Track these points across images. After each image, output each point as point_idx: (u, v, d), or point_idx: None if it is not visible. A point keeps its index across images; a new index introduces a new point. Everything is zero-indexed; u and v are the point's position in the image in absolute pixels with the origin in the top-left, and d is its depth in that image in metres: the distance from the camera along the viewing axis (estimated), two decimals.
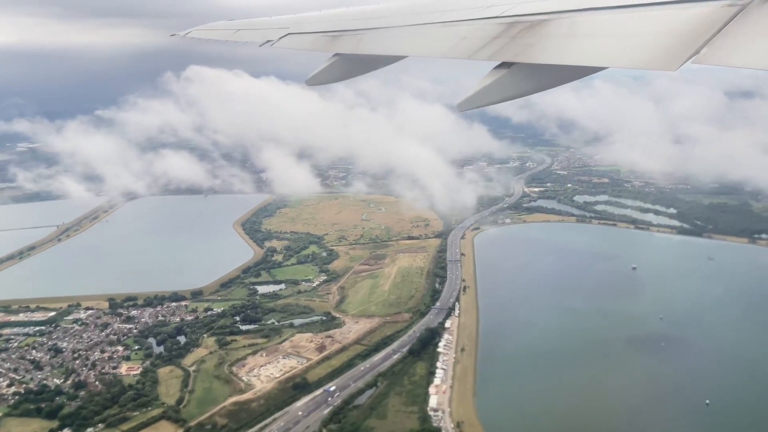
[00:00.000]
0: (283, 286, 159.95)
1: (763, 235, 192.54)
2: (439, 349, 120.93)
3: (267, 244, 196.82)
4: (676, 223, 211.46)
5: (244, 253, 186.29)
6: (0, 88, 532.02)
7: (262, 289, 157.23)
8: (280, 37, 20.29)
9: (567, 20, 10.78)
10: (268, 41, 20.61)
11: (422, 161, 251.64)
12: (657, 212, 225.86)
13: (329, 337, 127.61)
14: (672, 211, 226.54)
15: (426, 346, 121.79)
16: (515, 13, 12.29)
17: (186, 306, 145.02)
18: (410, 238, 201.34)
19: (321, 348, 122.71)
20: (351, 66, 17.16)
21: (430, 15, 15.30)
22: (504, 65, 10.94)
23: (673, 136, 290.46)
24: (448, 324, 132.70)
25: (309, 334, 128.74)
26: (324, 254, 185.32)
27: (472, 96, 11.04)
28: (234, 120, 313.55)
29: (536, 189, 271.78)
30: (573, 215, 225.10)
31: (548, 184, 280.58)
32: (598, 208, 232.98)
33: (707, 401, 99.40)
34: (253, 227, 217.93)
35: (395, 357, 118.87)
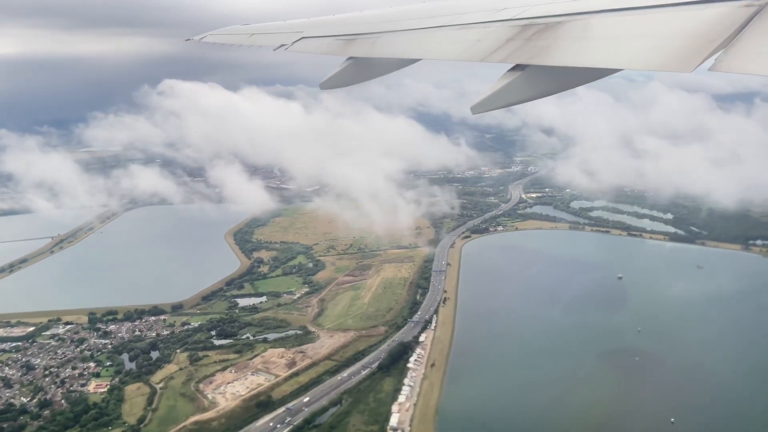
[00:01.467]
0: (264, 298, 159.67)
1: (758, 242, 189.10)
2: (409, 365, 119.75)
3: (255, 254, 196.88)
4: (671, 229, 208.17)
5: (231, 264, 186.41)
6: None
7: (242, 302, 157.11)
8: (295, 41, 20.59)
9: (581, 22, 10.81)
10: (283, 45, 20.91)
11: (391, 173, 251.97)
12: (653, 218, 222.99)
13: (301, 352, 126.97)
14: (669, 216, 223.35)
15: (396, 362, 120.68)
16: (529, 15, 12.35)
17: (164, 320, 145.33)
18: (399, 247, 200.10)
19: (291, 364, 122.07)
20: (365, 69, 17.20)
21: (444, 18, 15.47)
22: (518, 68, 10.97)
23: (639, 146, 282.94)
24: (422, 338, 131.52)
25: (281, 350, 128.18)
26: (310, 265, 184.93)
27: (486, 99, 11.01)
28: (203, 134, 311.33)
29: (534, 194, 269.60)
30: (567, 222, 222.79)
31: (547, 189, 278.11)
32: (594, 214, 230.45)
33: (672, 419, 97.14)
34: (244, 237, 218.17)
35: (364, 373, 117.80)
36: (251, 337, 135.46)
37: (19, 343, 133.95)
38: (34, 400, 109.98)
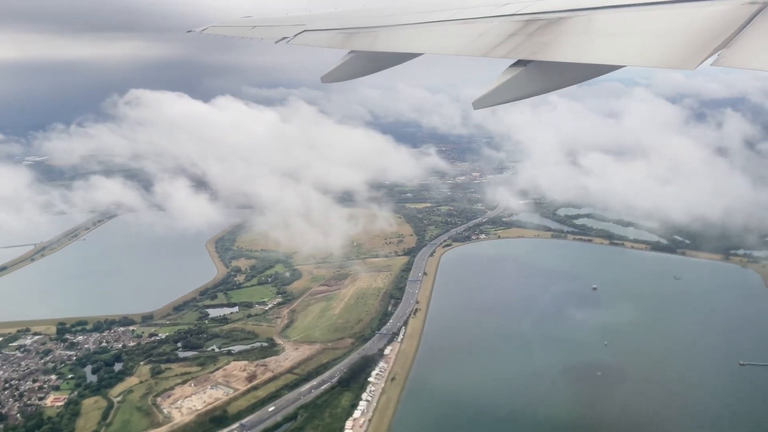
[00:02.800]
0: (236, 309, 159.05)
1: (740, 251, 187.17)
2: (370, 379, 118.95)
3: (234, 263, 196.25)
4: (654, 238, 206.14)
5: (208, 273, 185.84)
6: None
7: (213, 313, 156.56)
8: (296, 34, 20.69)
9: (584, 18, 10.76)
10: (284, 38, 21.07)
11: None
12: (638, 226, 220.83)
13: (263, 365, 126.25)
14: (654, 225, 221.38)
15: (358, 376, 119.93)
16: (532, 10, 12.33)
17: (133, 331, 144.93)
18: (379, 256, 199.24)
19: (251, 377, 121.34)
20: (366, 63, 17.19)
21: (446, 12, 15.48)
22: (520, 63, 10.95)
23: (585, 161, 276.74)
24: (387, 351, 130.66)
25: (244, 362, 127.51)
26: (287, 274, 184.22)
27: (487, 94, 10.98)
28: (163, 145, 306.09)
29: (521, 201, 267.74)
30: (551, 230, 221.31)
31: (535, 197, 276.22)
32: (579, 222, 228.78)
33: None
34: (225, 245, 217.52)
35: (323, 387, 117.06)
36: (216, 349, 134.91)
37: None
38: None
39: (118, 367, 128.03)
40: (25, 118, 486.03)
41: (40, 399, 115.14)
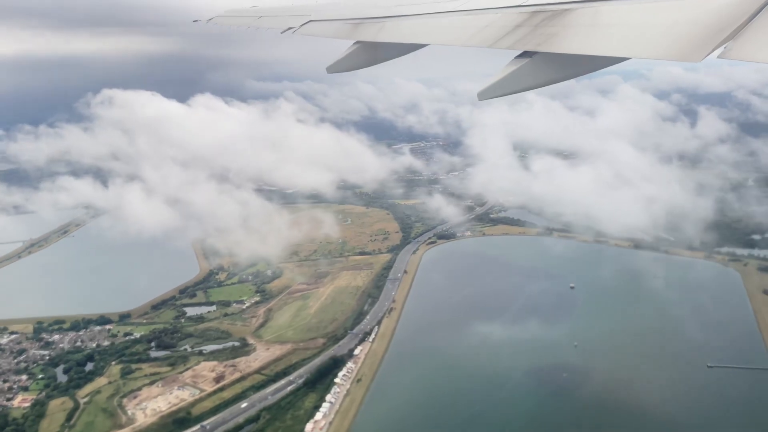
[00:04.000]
0: (213, 307, 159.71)
1: (725, 248, 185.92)
2: (336, 380, 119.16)
3: (218, 261, 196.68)
4: (638, 235, 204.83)
5: (190, 271, 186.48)
6: None
7: (191, 311, 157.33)
8: (302, 24, 20.83)
9: (590, 9, 10.74)
10: (290, 28, 21.19)
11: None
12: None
13: (233, 365, 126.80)
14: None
15: (325, 377, 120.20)
16: (538, 2, 12.31)
17: (109, 330, 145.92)
18: (362, 253, 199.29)
19: (219, 378, 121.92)
20: (372, 53, 17.23)
21: (452, 3, 15.52)
22: (525, 54, 10.92)
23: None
24: (357, 351, 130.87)
25: (214, 363, 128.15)
26: (269, 272, 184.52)
27: (493, 85, 10.95)
28: (132, 145, 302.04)
29: (512, 197, 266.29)
30: (537, 227, 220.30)
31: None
32: (566, 218, 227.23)
33: None
34: (212, 241, 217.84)
35: (289, 388, 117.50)
36: (189, 349, 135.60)
37: None
38: None
39: (90, 367, 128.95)
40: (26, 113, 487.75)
41: (8, 399, 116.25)
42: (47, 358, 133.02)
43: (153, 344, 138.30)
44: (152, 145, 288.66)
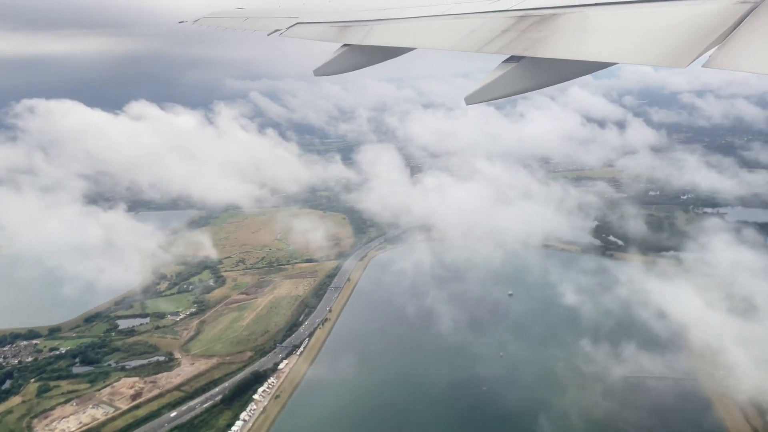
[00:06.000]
0: (147, 319, 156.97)
1: (671, 252, 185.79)
2: (255, 396, 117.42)
3: (164, 269, 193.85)
4: (587, 238, 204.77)
5: (131, 280, 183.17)
6: None
7: (124, 324, 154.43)
8: (289, 26, 20.73)
9: (577, 15, 10.81)
10: (277, 30, 21.06)
11: None
12: (579, 226, 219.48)
13: (153, 382, 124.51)
14: (595, 224, 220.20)
15: (243, 393, 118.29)
16: (525, 6, 12.39)
17: (35, 345, 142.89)
18: (310, 260, 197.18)
19: (137, 395, 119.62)
20: (359, 57, 17.28)
21: (440, 7, 15.71)
22: (513, 59, 11.02)
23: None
24: (282, 365, 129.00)
25: (135, 379, 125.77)
26: (211, 282, 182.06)
27: (479, 90, 10.98)
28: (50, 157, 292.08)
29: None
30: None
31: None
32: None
33: None
34: (162, 249, 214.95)
35: (206, 405, 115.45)
36: (113, 365, 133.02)
37: None
38: None
39: (7, 385, 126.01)
40: None
41: None
42: None
43: (78, 360, 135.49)
44: (63, 158, 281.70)
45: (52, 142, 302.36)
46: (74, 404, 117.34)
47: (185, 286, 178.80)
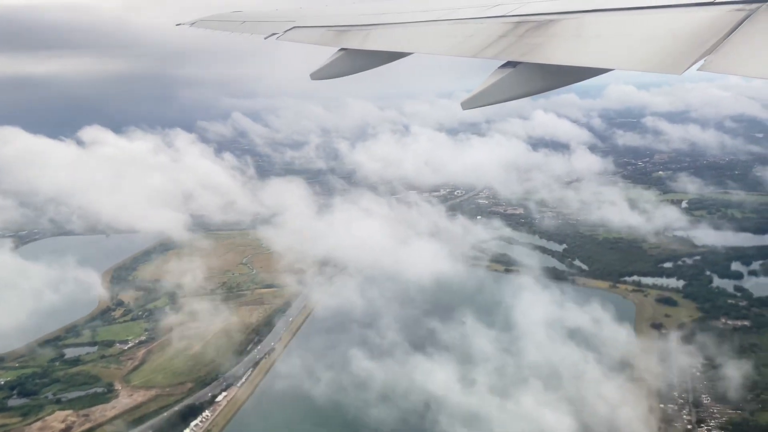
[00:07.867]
0: (95, 348, 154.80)
1: (633, 277, 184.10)
2: (186, 430, 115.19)
3: (122, 295, 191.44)
4: (551, 263, 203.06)
5: (86, 306, 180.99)
6: None
7: (70, 353, 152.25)
8: (286, 30, 20.71)
9: (574, 21, 10.89)
10: (274, 34, 21.07)
11: None
12: (545, 250, 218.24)
13: (86, 415, 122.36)
14: (562, 247, 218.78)
15: (175, 427, 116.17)
16: (522, 12, 12.52)
17: None
18: (270, 286, 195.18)
19: (67, 429, 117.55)
20: (356, 61, 17.23)
21: (438, 12, 15.81)
22: (509, 64, 11.06)
23: None
24: (220, 397, 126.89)
25: (69, 412, 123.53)
26: (167, 308, 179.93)
27: (476, 95, 10.99)
28: None
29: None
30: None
31: (459, 216, 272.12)
32: (486, 245, 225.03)
33: None
34: (123, 274, 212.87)
35: None
36: (49, 396, 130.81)
37: None
38: None
39: None
40: None
41: None
42: None
43: (15, 392, 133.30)
44: None
45: None
46: None
47: (139, 313, 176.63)
